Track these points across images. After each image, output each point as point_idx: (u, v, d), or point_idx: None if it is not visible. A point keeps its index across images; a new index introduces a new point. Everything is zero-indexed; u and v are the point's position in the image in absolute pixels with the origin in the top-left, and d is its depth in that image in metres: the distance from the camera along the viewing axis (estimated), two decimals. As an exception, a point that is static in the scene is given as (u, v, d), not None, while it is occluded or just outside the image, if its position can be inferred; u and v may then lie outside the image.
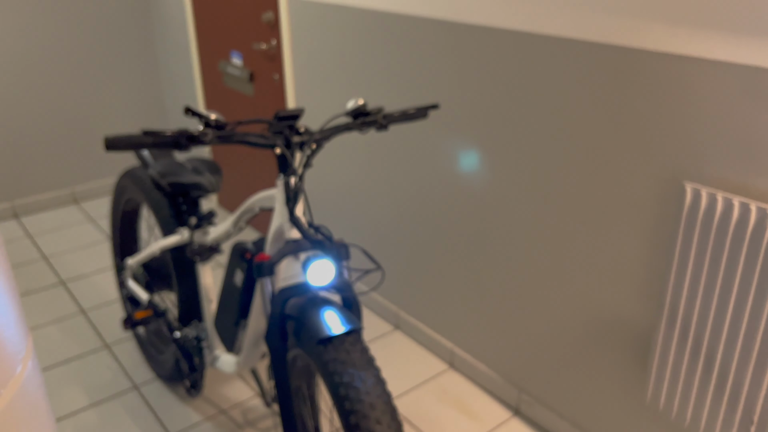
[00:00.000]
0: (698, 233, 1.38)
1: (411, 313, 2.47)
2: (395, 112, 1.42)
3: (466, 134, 1.96)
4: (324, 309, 1.28)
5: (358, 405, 1.12)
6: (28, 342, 0.70)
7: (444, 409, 2.12)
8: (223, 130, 1.23)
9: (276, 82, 2.80)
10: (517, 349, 2.04)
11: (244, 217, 1.61)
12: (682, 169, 1.44)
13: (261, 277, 1.36)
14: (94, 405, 2.16)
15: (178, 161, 1.89)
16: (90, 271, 3.04)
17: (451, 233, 2.14)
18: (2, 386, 0.61)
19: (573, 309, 1.81)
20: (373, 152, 2.37)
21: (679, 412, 1.54)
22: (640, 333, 1.65)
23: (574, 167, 1.68)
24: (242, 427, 2.06)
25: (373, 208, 2.47)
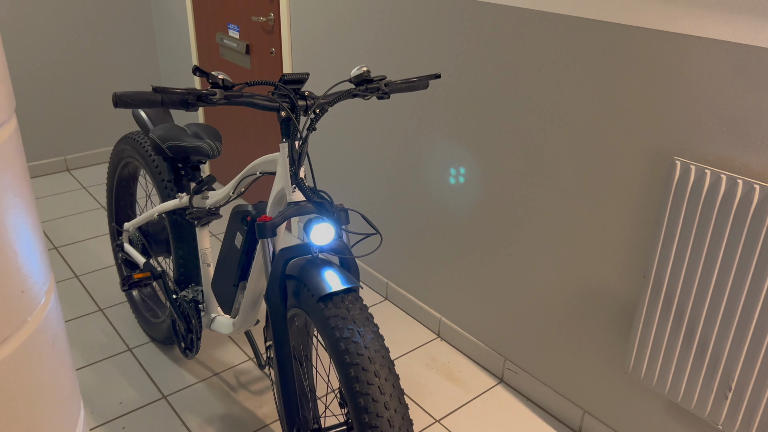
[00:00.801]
0: (686, 207, 1.44)
1: (400, 284, 2.52)
2: (398, 81, 1.45)
3: (460, 108, 2.00)
4: (324, 269, 1.33)
5: (357, 359, 1.16)
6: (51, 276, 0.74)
7: (431, 376, 2.19)
8: (231, 90, 1.26)
9: (273, 56, 2.81)
10: (503, 319, 2.10)
11: (244, 181, 1.64)
12: (672, 145, 1.49)
13: (263, 238, 1.40)
14: (89, 365, 2.19)
15: (178, 126, 1.91)
16: (83, 237, 3.05)
17: (442, 207, 2.19)
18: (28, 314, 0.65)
19: (559, 281, 1.87)
20: (368, 124, 2.40)
21: (659, 381, 1.60)
22: (624, 305, 1.72)
23: (565, 142, 1.73)
24: (235, 389, 2.11)
25: (365, 181, 2.51)
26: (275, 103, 1.31)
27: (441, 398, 2.09)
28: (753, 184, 1.31)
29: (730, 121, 1.37)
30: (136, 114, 2.03)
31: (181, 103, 1.23)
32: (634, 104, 1.54)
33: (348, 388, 1.16)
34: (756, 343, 1.38)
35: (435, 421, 1.99)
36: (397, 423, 1.13)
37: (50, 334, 0.70)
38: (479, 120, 1.96)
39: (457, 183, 2.10)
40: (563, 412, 1.99)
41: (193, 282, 1.99)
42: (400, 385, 1.18)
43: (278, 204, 1.49)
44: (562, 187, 1.78)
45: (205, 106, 1.24)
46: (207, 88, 1.23)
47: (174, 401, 2.05)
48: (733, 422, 1.47)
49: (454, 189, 2.13)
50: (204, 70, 1.20)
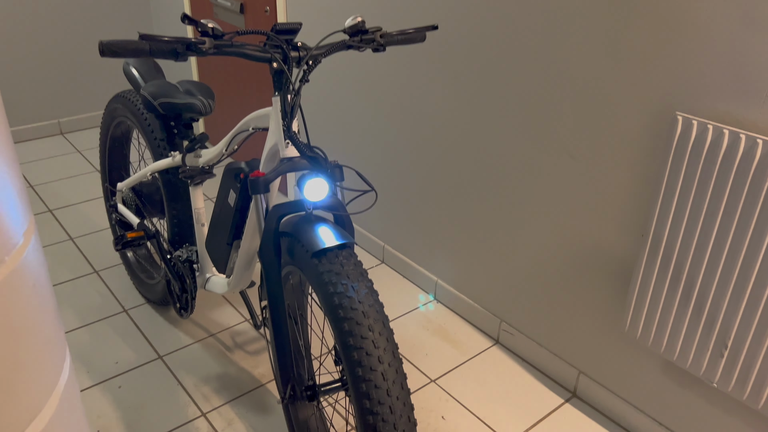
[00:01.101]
0: (686, 163, 1.41)
1: (397, 247, 2.51)
2: (394, 32, 1.41)
3: (458, 64, 1.96)
4: (318, 225, 1.31)
5: (351, 313, 1.15)
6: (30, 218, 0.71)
7: (428, 337, 2.19)
8: (221, 39, 1.22)
9: (268, 14, 2.75)
10: (499, 281, 2.09)
11: (237, 137, 1.61)
12: (674, 100, 1.46)
13: (256, 194, 1.38)
14: (85, 326, 2.19)
15: (170, 83, 1.87)
16: (78, 200, 3.03)
17: (438, 167, 2.16)
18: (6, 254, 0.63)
19: (556, 241, 1.85)
20: (364, 80, 2.36)
21: (655, 340, 1.60)
22: (621, 264, 1.70)
23: (565, 98, 1.69)
24: (231, 349, 2.11)
25: (360, 140, 2.48)
26: (267, 54, 1.27)
27: (436, 359, 2.09)
28: (756, 139, 1.28)
29: (735, 74, 1.34)
30: (127, 71, 1.99)
31: (170, 52, 1.19)
32: (637, 58, 1.50)
33: (342, 343, 1.15)
34: (753, 301, 1.37)
35: (430, 381, 2.00)
36: (390, 376, 1.12)
37: (30, 276, 0.68)
38: (478, 76, 1.92)
39: (454, 143, 2.07)
40: (558, 372, 1.99)
41: (187, 242, 1.98)
42: (395, 340, 1.17)
43: (272, 160, 1.47)
44: (561, 144, 1.75)
45: (194, 55, 1.20)
46: (197, 37, 1.19)
47: (170, 361, 2.05)
48: (728, 381, 1.47)
49: (450, 149, 2.09)
50: (192, 17, 1.16)
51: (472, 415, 1.88)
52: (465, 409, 1.90)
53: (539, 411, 1.91)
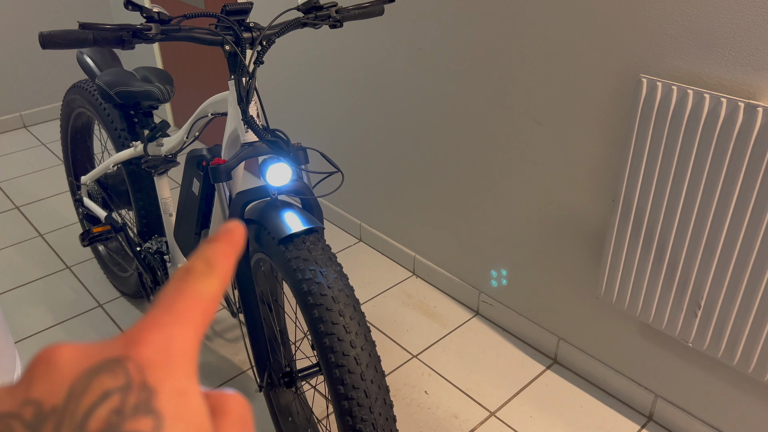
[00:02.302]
0: (653, 126, 1.40)
1: (373, 225, 2.49)
2: (350, 7, 1.36)
3: (419, 34, 1.92)
4: (284, 210, 1.28)
5: (321, 299, 1.13)
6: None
7: (408, 312, 2.18)
8: (168, 24, 1.17)
9: (227, -10, 2.67)
10: (476, 252, 2.09)
11: (197, 123, 1.57)
12: (638, 62, 1.44)
13: (218, 182, 1.34)
14: (60, 323, 2.15)
15: (126, 70, 1.81)
16: (45, 195, 2.96)
17: (407, 142, 2.13)
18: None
19: (529, 209, 1.85)
20: (324, 60, 2.31)
21: (630, 304, 1.61)
22: (594, 229, 1.70)
23: (528, 64, 1.66)
24: (210, 338, 2.09)
25: (327, 122, 2.44)
26: (218, 37, 1.23)
27: (418, 334, 2.09)
28: (720, 98, 1.27)
29: (698, 33, 1.32)
30: (81, 60, 1.92)
31: (115, 40, 1.14)
32: (599, 19, 1.47)
33: (313, 330, 1.13)
34: (724, 260, 1.38)
35: (412, 357, 2.00)
36: (364, 360, 1.11)
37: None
38: (440, 45, 1.88)
39: (424, 116, 2.04)
40: (539, 340, 2.00)
41: (157, 233, 1.94)
42: (367, 324, 1.15)
43: (233, 146, 1.43)
44: (527, 111, 1.73)
45: (141, 42, 1.15)
46: (142, 23, 1.14)
47: (149, 354, 2.02)
48: (703, 339, 1.48)
49: (421, 122, 2.06)
50: (137, 3, 1.11)
51: (455, 388, 1.89)
52: (448, 382, 1.91)
53: (522, 379, 1.92)
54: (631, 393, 1.79)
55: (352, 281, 2.35)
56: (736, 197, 1.31)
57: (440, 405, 1.83)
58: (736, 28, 1.26)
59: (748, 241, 1.32)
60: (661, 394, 1.72)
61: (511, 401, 1.84)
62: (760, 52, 1.24)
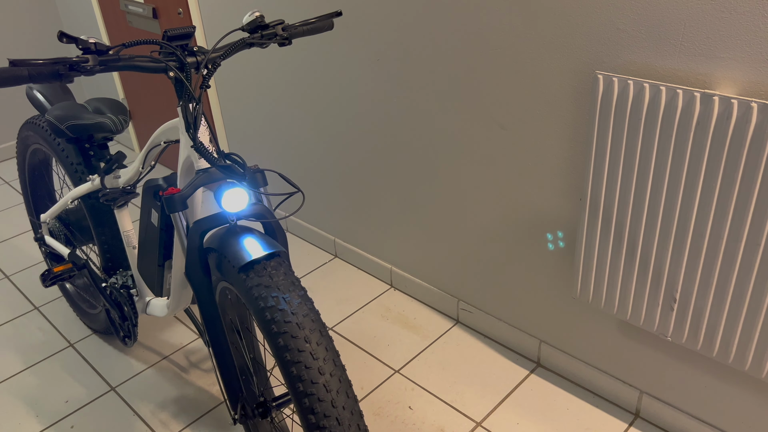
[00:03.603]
0: (613, 122, 1.38)
1: (348, 240, 2.45)
2: (296, 24, 1.33)
3: (377, 45, 1.89)
4: (243, 236, 1.24)
5: (285, 326, 1.09)
6: None
7: (388, 326, 2.14)
8: (106, 54, 1.13)
9: (181, 17, 2.63)
10: (451, 260, 2.06)
11: (152, 153, 1.52)
12: (592, 58, 1.42)
13: (173, 212, 1.30)
14: (30, 367, 2.08)
15: (77, 103, 1.76)
16: (9, 235, 2.88)
17: (374, 155, 2.10)
18: None
19: (500, 213, 1.82)
20: (288, 75, 2.27)
21: (607, 302, 1.59)
22: (565, 230, 1.68)
23: (488, 69, 1.64)
24: (186, 370, 2.03)
25: (295, 138, 2.40)
26: (161, 64, 1.19)
27: (399, 348, 2.05)
28: (676, 89, 1.25)
29: (649, 25, 1.31)
30: (30, 95, 1.87)
31: (52, 75, 1.10)
32: (552, 17, 1.46)
33: (280, 359, 1.09)
34: (695, 251, 1.36)
35: (394, 372, 1.96)
36: (334, 386, 1.07)
37: None
38: (396, 54, 1.86)
39: (386, 127, 2.01)
40: (520, 344, 1.97)
41: (122, 267, 1.88)
42: (335, 348, 1.11)
43: (188, 173, 1.39)
44: (489, 115, 1.71)
45: (78, 75, 1.11)
46: (78, 56, 1.10)
47: (123, 391, 1.96)
48: (681, 332, 1.47)
49: (387, 133, 2.04)
50: (71, 35, 1.07)
51: (439, 400, 1.85)
52: (432, 395, 1.87)
53: (506, 385, 1.89)
54: (617, 391, 1.77)
55: (329, 299, 2.31)
56: (700, 188, 1.30)
57: (425, 420, 1.79)
58: (686, 19, 1.25)
59: (716, 231, 1.31)
60: (647, 390, 1.70)
61: (496, 409, 1.81)
62: (712, 41, 1.23)
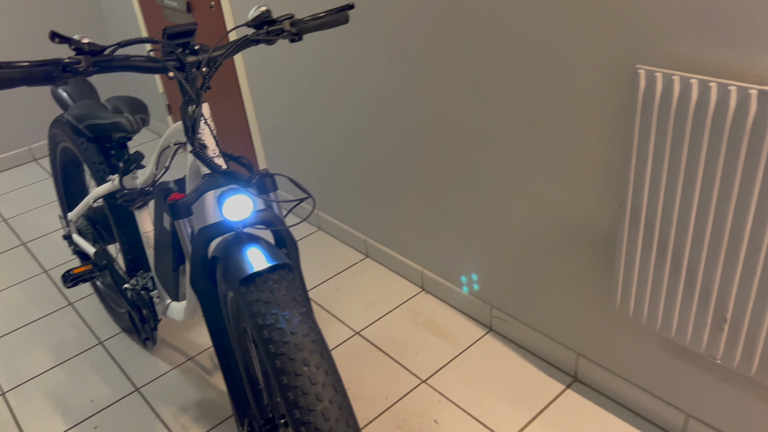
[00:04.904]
0: (656, 121, 1.24)
1: (379, 240, 2.36)
2: (306, 18, 1.25)
3: (403, 38, 1.78)
4: (247, 246, 1.17)
5: (283, 347, 1.02)
6: None
7: (417, 332, 2.05)
8: (101, 54, 1.07)
9: (213, 10, 2.58)
10: (484, 266, 1.94)
11: (164, 154, 1.47)
12: (634, 51, 1.28)
13: (177, 219, 1.24)
14: (60, 364, 2.09)
15: (96, 102, 1.73)
16: (51, 229, 2.93)
17: (405, 152, 2.00)
18: None
19: (534, 217, 1.70)
20: (313, 69, 2.19)
21: (649, 318, 1.45)
22: (603, 237, 1.54)
23: (519, 62, 1.52)
24: (210, 372, 2.00)
25: (326, 135, 2.32)
26: (158, 63, 1.12)
27: (427, 356, 1.96)
28: (728, 86, 1.10)
29: (698, 13, 1.16)
30: (54, 92, 1.85)
31: (45, 77, 1.05)
32: (587, 7, 1.32)
33: (277, 382, 1.02)
34: (749, 268, 1.21)
35: (421, 382, 1.87)
36: (333, 414, 0.99)
37: None
38: (422, 47, 1.75)
39: (418, 126, 1.91)
40: (556, 356, 1.85)
41: (143, 268, 1.85)
42: (337, 370, 1.03)
43: (195, 178, 1.33)
44: (519, 111, 1.58)
45: (72, 77, 1.06)
46: (71, 57, 1.05)
47: (147, 393, 1.94)
48: (732, 355, 1.32)
49: (414, 130, 1.93)
50: (63, 35, 1.02)
51: (467, 415, 1.75)
52: (459, 409, 1.77)
53: (540, 400, 1.77)
54: (660, 412, 1.62)
55: (358, 301, 2.23)
56: (756, 196, 1.15)
57: (451, 435, 1.70)
58: (740, 5, 1.09)
59: (774, 246, 1.16)
60: (694, 414, 1.55)
61: (529, 426, 1.70)
62: (772, 30, 1.07)
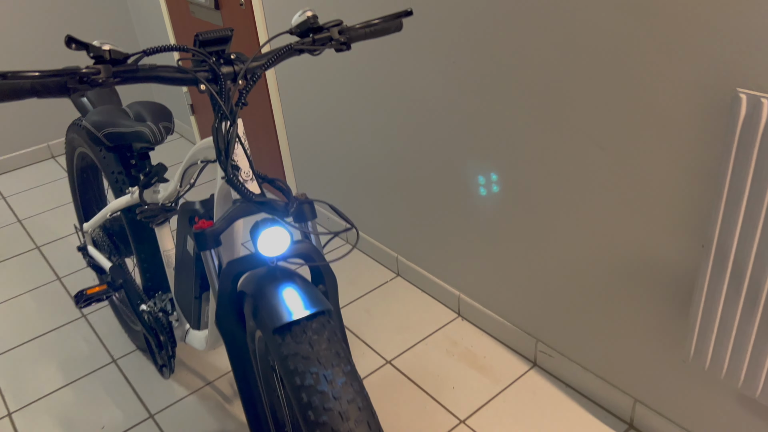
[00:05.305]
0: (756, 154, 1.07)
1: (412, 258, 2.21)
2: (357, 26, 1.09)
3: (453, 45, 1.62)
4: (282, 286, 1.02)
5: (324, 415, 0.87)
6: None
7: (454, 365, 1.89)
8: (123, 63, 0.93)
9: (243, 8, 2.44)
10: (531, 294, 1.78)
11: (189, 171, 1.33)
12: (733, 73, 1.11)
13: (203, 250, 1.09)
14: (70, 383, 1.96)
15: (117, 108, 1.60)
16: (66, 232, 2.81)
17: (446, 168, 1.84)
18: None
19: (595, 248, 1.53)
20: (351, 80, 2.04)
21: (729, 372, 1.27)
22: (679, 278, 1.37)
23: (581, 77, 1.35)
24: (230, 399, 1.85)
25: (360, 145, 2.17)
26: (188, 75, 0.98)
27: (465, 392, 1.80)
28: None
29: (819, 31, 0.98)
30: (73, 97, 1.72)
31: (59, 89, 0.91)
32: (680, 20, 1.15)
33: (316, 454, 0.87)
34: None
35: (459, 422, 1.71)
36: (383, 500, 0.83)
37: None
38: (480, 58, 1.58)
39: (466, 137, 1.75)
40: (610, 399, 1.68)
41: (162, 289, 1.71)
42: (387, 443, 0.88)
43: (224, 202, 1.18)
44: (585, 133, 1.42)
45: (89, 89, 0.91)
46: (89, 66, 0.90)
47: (162, 420, 1.81)
48: (832, 424, 1.14)
49: (460, 145, 1.77)
50: (80, 40, 0.87)
51: (510, 462, 1.59)
52: (501, 455, 1.61)
53: (590, 449, 1.61)
54: (730, 472, 1.45)
55: (389, 326, 2.07)
56: None
57: (493, 486, 1.54)
58: None
59: None
60: (771, 478, 1.38)
61: (579, 479, 1.54)
62: None
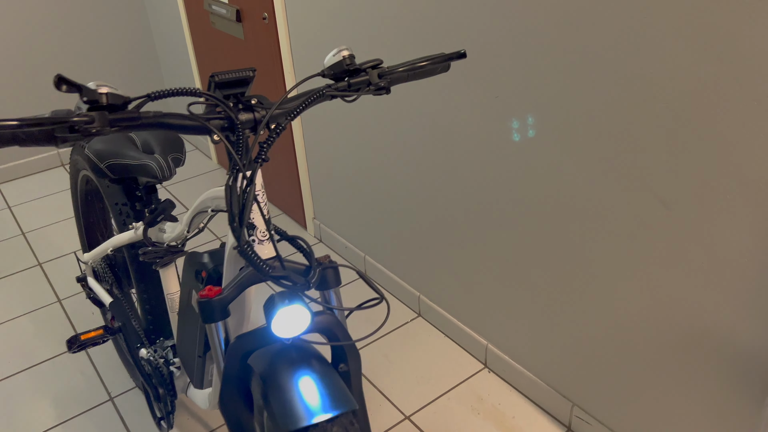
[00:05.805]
0: None
1: (434, 299, 2.04)
2: (399, 68, 0.94)
3: (496, 77, 1.46)
4: (298, 374, 0.86)
5: None
6: None
7: (479, 425, 1.72)
8: (122, 110, 0.77)
9: (266, 22, 2.30)
10: (570, 354, 1.61)
11: (198, 217, 1.17)
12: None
13: (209, 323, 0.94)
14: (63, 422, 1.81)
15: (125, 135, 1.45)
16: (71, 248, 2.67)
17: (483, 207, 1.68)
18: None
19: (651, 314, 1.36)
20: (383, 111, 1.88)
21: (811, 476, 1.10)
22: (749, 358, 1.20)
23: (648, 123, 1.18)
24: (233, 454, 1.69)
25: (384, 175, 2.01)
26: (198, 122, 0.82)
27: (492, 459, 1.63)
28: None
29: None
30: (77, 119, 1.58)
31: (46, 138, 0.76)
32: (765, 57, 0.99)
33: None
34: None
35: (485, 495, 1.54)
36: None
37: None
38: (527, 93, 1.42)
39: (505, 179, 1.58)
40: (655, 480, 1.50)
41: (164, 334, 1.56)
42: None
43: (235, 263, 1.02)
44: (647, 186, 1.25)
45: (81, 139, 0.76)
46: (81, 112, 0.75)
47: (158, 473, 1.65)
48: None
49: (499, 186, 1.61)
50: (72, 81, 0.72)
51: None
52: None
53: None
54: None
55: (409, 375, 1.91)
56: None
57: None
58: None
59: None
60: None
61: None
62: None
